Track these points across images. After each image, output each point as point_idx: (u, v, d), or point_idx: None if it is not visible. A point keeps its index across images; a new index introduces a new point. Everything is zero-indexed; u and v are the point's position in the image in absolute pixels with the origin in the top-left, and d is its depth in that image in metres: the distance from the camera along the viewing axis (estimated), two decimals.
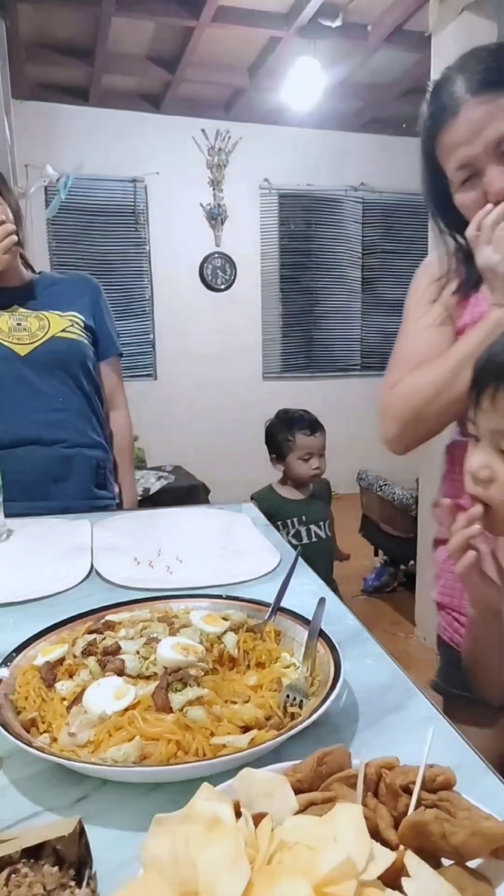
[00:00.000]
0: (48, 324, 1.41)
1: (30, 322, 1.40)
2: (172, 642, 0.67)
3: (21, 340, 1.38)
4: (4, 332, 1.37)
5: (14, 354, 1.37)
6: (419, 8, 2.95)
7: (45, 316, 1.42)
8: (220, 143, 4.51)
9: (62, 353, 1.41)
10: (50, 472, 1.39)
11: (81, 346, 1.45)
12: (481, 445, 0.69)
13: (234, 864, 0.35)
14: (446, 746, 0.57)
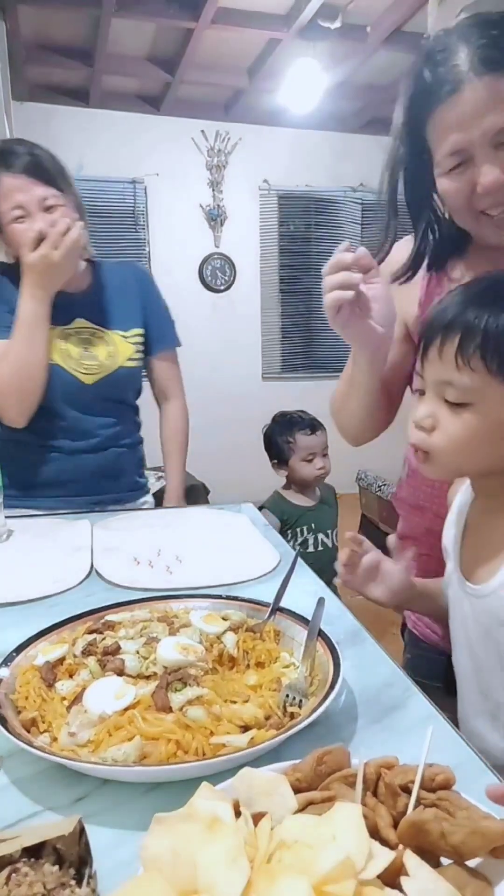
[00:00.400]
0: (116, 352, 1.41)
1: (98, 349, 1.39)
2: (172, 642, 0.67)
3: (89, 370, 1.37)
4: (74, 359, 1.36)
5: (80, 383, 1.37)
6: (418, 9, 2.95)
7: (113, 340, 1.41)
8: (220, 144, 4.51)
9: (123, 383, 1.43)
10: (102, 473, 1.44)
11: (139, 373, 1.48)
12: (427, 397, 0.74)
13: (234, 863, 0.35)
14: (446, 746, 0.57)
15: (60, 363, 1.35)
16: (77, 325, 1.38)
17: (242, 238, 4.67)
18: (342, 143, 4.72)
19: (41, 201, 1.27)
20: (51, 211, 1.28)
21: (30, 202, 1.27)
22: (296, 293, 4.92)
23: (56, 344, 1.35)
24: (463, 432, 0.71)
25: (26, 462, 1.41)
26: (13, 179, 1.26)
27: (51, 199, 1.28)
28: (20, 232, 1.26)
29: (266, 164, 4.62)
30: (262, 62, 3.67)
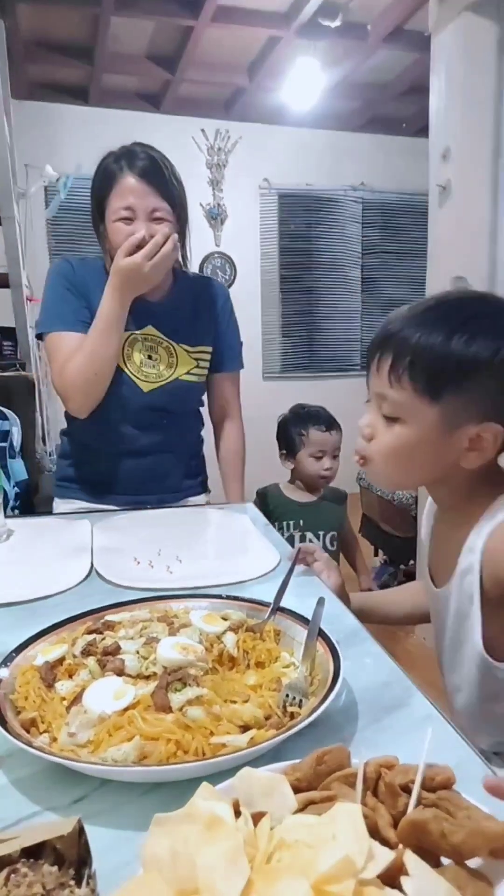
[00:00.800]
0: (176, 362, 1.43)
1: (160, 357, 1.42)
2: (172, 642, 0.67)
3: (148, 378, 1.41)
4: (136, 365, 1.40)
5: (139, 390, 1.40)
6: (419, 8, 2.95)
7: (176, 351, 1.43)
8: (220, 142, 4.51)
9: (180, 394, 1.45)
10: (147, 474, 1.46)
11: (198, 389, 1.51)
12: (369, 406, 0.79)
13: (234, 864, 0.35)
14: (446, 745, 0.57)
15: (124, 369, 1.39)
16: (147, 332, 1.41)
17: (243, 237, 4.67)
18: (343, 142, 4.72)
19: (151, 211, 1.31)
20: (157, 222, 1.32)
21: (140, 207, 1.31)
22: (296, 292, 4.91)
23: (123, 345, 1.38)
24: (393, 444, 0.76)
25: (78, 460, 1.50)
26: (133, 181, 1.31)
27: (160, 213, 1.32)
28: (121, 232, 1.30)
29: (266, 162, 4.62)
30: (263, 60, 3.66)
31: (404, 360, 0.72)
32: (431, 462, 0.77)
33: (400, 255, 4.97)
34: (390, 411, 0.75)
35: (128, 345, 1.39)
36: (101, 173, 1.35)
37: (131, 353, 1.40)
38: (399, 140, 4.68)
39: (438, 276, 2.58)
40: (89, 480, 1.48)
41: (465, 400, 0.73)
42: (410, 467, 0.79)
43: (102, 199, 1.34)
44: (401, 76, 3.87)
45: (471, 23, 2.34)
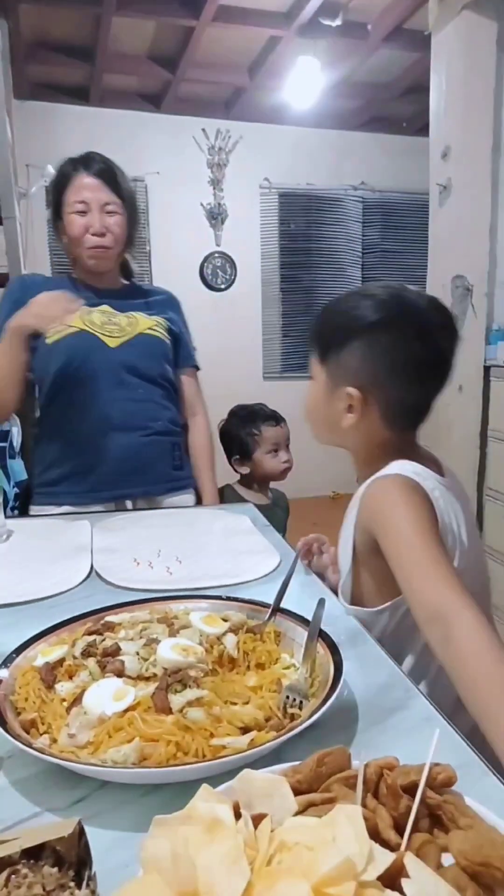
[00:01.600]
0: (136, 321, 1.51)
1: (119, 319, 1.49)
2: (172, 643, 0.67)
3: (112, 333, 1.46)
4: (97, 325, 1.46)
5: (104, 345, 1.44)
6: (419, 7, 2.95)
7: (133, 315, 1.52)
8: (221, 142, 4.50)
9: (147, 348, 1.50)
10: (130, 460, 1.46)
11: (164, 345, 1.55)
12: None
13: (234, 865, 0.35)
14: (447, 746, 0.57)
15: (85, 328, 1.44)
16: (101, 308, 1.49)
17: (243, 237, 4.66)
18: (343, 141, 4.72)
19: (104, 204, 1.44)
20: (109, 215, 1.45)
21: (93, 200, 1.43)
22: (297, 292, 4.91)
23: (80, 318, 1.43)
24: (309, 398, 0.93)
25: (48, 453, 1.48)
26: (87, 178, 1.44)
27: (112, 206, 1.45)
28: (75, 223, 1.43)
29: (267, 162, 4.61)
30: (263, 60, 3.66)
31: (315, 330, 0.92)
32: (325, 416, 0.91)
33: (400, 254, 4.97)
34: (311, 372, 0.93)
35: (84, 315, 1.44)
36: (59, 175, 1.49)
37: (90, 318, 1.46)
38: (399, 139, 4.68)
39: (439, 274, 2.58)
40: (73, 475, 1.45)
41: (339, 363, 0.88)
42: (315, 421, 0.94)
43: (59, 197, 1.47)
44: (401, 75, 3.86)
45: (471, 22, 2.33)
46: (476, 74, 2.37)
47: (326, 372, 0.89)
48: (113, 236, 1.46)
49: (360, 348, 0.86)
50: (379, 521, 0.82)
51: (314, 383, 0.92)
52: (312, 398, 0.92)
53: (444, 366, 0.89)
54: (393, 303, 0.86)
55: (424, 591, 0.71)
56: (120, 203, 1.46)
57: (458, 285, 2.49)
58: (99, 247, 1.45)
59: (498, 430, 2.40)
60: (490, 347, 2.45)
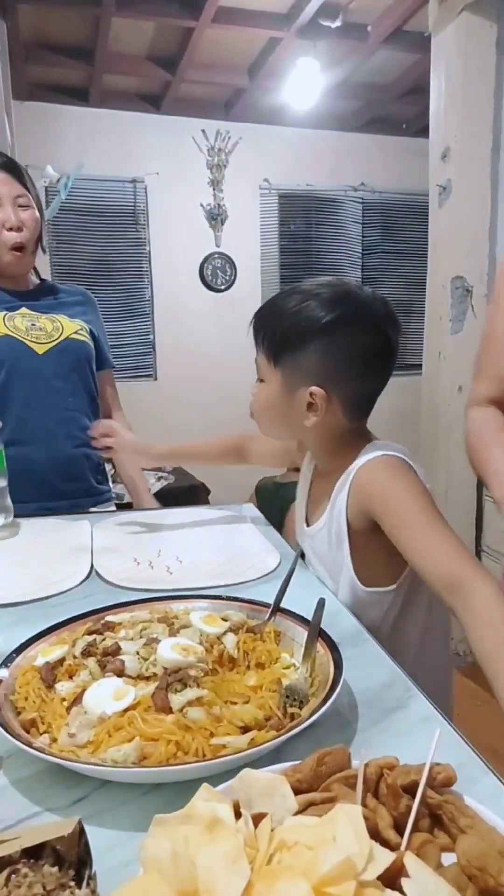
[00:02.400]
0: (61, 326, 1.47)
1: (43, 323, 1.45)
2: (172, 643, 0.67)
3: (38, 339, 1.42)
4: (22, 330, 1.41)
5: (32, 352, 1.41)
6: (419, 8, 2.95)
7: (57, 319, 1.48)
8: (220, 143, 4.50)
9: (74, 354, 1.46)
10: (60, 470, 1.43)
11: (90, 350, 1.52)
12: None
13: (234, 864, 0.35)
14: (447, 746, 0.57)
15: (10, 333, 1.40)
16: (22, 311, 1.45)
17: (243, 237, 4.66)
18: (343, 142, 4.72)
19: (16, 197, 1.39)
20: (23, 209, 1.40)
21: (5, 194, 1.39)
22: None
23: (3, 322, 1.40)
24: (259, 400, 0.95)
25: None
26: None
27: (24, 199, 1.41)
28: None
29: (267, 163, 4.61)
30: (263, 61, 3.66)
31: (260, 333, 0.91)
32: (283, 417, 0.93)
33: (400, 255, 4.97)
34: (259, 374, 0.94)
35: (7, 319, 1.41)
36: None
37: (14, 324, 1.41)
38: (399, 140, 4.68)
39: (438, 275, 2.58)
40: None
41: (296, 366, 0.88)
42: (271, 421, 0.97)
43: None
44: (401, 77, 3.87)
45: (470, 23, 2.34)
46: (476, 76, 2.37)
47: (282, 374, 0.90)
48: (29, 232, 1.40)
49: (318, 348, 0.87)
50: (379, 502, 0.85)
51: (266, 385, 0.93)
52: (265, 399, 0.94)
53: (394, 354, 0.92)
54: (343, 299, 0.88)
55: (442, 565, 0.75)
56: (30, 196, 1.42)
57: (457, 286, 2.49)
58: (18, 245, 1.39)
59: None
60: None
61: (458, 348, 2.48)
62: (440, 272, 2.56)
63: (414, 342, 4.71)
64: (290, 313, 0.88)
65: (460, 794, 0.45)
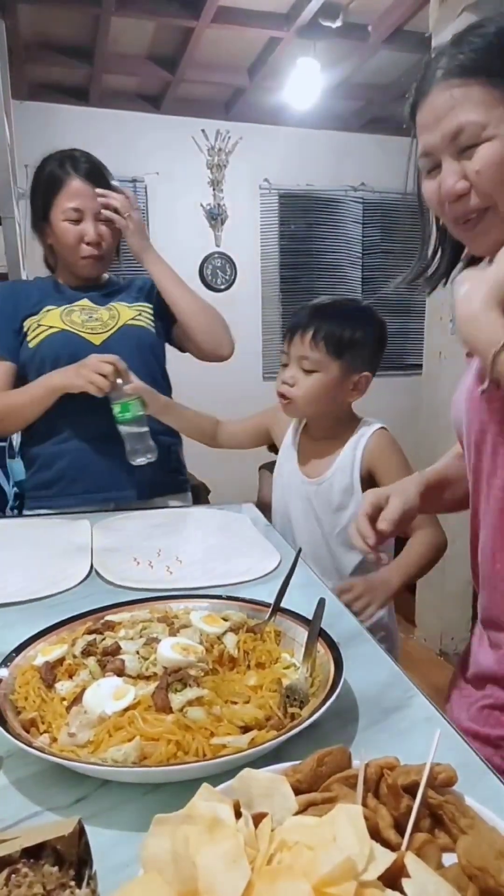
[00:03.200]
0: (118, 314, 1.47)
1: (100, 314, 1.45)
2: (172, 642, 0.67)
3: (94, 330, 1.43)
4: (78, 324, 1.43)
5: (90, 344, 1.41)
6: (419, 9, 2.95)
7: (115, 307, 1.48)
8: (220, 143, 4.50)
9: (133, 341, 1.45)
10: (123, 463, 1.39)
11: (150, 335, 1.50)
12: (290, 366, 1.22)
13: (234, 864, 0.35)
14: (447, 746, 0.56)
15: (66, 327, 1.41)
16: (80, 303, 1.46)
17: (243, 237, 4.66)
18: (343, 142, 4.72)
19: (98, 213, 1.40)
20: (102, 223, 1.41)
21: (87, 208, 1.40)
22: (297, 292, 4.90)
23: (60, 318, 1.42)
24: (312, 388, 1.20)
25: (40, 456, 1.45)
26: (79, 183, 1.41)
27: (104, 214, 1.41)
28: (70, 231, 1.40)
29: (267, 163, 4.61)
30: (263, 61, 3.66)
31: (320, 334, 1.18)
32: (332, 399, 1.22)
33: (400, 255, 4.97)
34: (309, 366, 1.19)
35: (64, 314, 1.43)
36: (47, 176, 1.43)
37: (70, 318, 1.43)
38: (399, 140, 4.64)
39: None
40: (65, 477, 1.42)
41: (353, 358, 1.20)
42: (320, 403, 1.22)
43: (49, 200, 1.41)
44: (401, 77, 3.86)
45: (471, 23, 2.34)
46: None
47: (340, 364, 1.19)
48: (107, 245, 1.44)
49: (372, 344, 1.22)
50: (385, 464, 1.20)
51: (322, 375, 1.19)
52: (320, 386, 1.20)
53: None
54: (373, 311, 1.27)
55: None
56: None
57: None
58: (92, 256, 1.42)
59: None
60: None
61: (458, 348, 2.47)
62: None
63: (414, 342, 4.70)
64: (351, 319, 1.20)
65: (461, 795, 0.45)
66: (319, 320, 1.19)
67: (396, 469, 1.18)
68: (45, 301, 1.44)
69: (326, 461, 1.25)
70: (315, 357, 1.18)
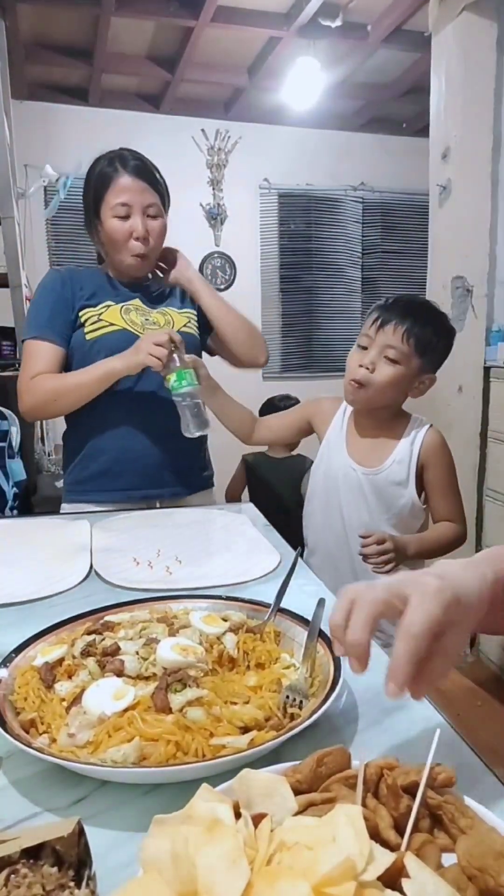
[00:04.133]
0: (172, 320, 1.50)
1: (155, 318, 1.49)
2: (172, 643, 0.67)
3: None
4: (138, 325, 1.46)
5: None
6: (419, 8, 2.95)
7: (168, 312, 1.51)
8: (220, 142, 4.50)
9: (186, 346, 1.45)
10: (163, 462, 1.46)
11: (197, 341, 1.54)
12: (371, 352, 1.25)
13: (234, 865, 0.35)
14: (447, 747, 0.56)
15: (127, 327, 1.44)
16: (135, 303, 1.49)
17: (243, 237, 4.66)
18: (343, 142, 4.72)
19: (146, 207, 1.42)
20: (151, 218, 1.43)
21: (136, 203, 1.41)
22: (296, 292, 4.91)
23: (120, 315, 1.45)
24: (393, 376, 1.25)
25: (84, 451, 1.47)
26: (128, 179, 1.42)
27: (153, 208, 1.43)
28: (118, 228, 1.41)
29: (266, 162, 4.61)
30: (263, 61, 3.66)
31: (413, 331, 1.23)
32: (401, 392, 1.29)
33: (400, 254, 4.97)
34: (394, 356, 1.24)
35: (123, 312, 1.45)
36: (97, 175, 1.44)
37: (130, 317, 1.46)
38: (399, 140, 4.68)
39: (438, 275, 2.58)
40: (106, 473, 1.45)
41: (429, 359, 1.27)
42: (393, 393, 1.28)
43: (99, 197, 1.42)
44: (401, 76, 3.87)
45: (471, 23, 2.34)
46: (476, 75, 2.37)
47: (421, 361, 1.26)
48: (154, 241, 1.44)
49: (444, 350, 1.30)
50: (439, 459, 1.31)
51: (403, 368, 1.25)
52: (400, 376, 1.25)
53: None
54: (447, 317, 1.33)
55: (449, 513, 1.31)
56: (160, 206, 1.45)
57: (458, 286, 2.49)
58: (140, 255, 1.43)
59: (498, 431, 2.40)
60: (490, 348, 2.45)
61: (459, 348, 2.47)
62: (440, 272, 2.56)
63: None
64: (438, 321, 1.28)
65: (460, 795, 0.45)
66: (414, 317, 1.24)
67: (447, 469, 1.30)
68: (101, 295, 1.46)
69: (381, 453, 1.31)
70: (403, 350, 1.23)
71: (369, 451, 1.33)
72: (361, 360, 1.25)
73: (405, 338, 1.22)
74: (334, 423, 1.41)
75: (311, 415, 1.47)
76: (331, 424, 1.41)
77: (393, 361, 1.24)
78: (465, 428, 2.47)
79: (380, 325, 1.24)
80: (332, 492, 1.36)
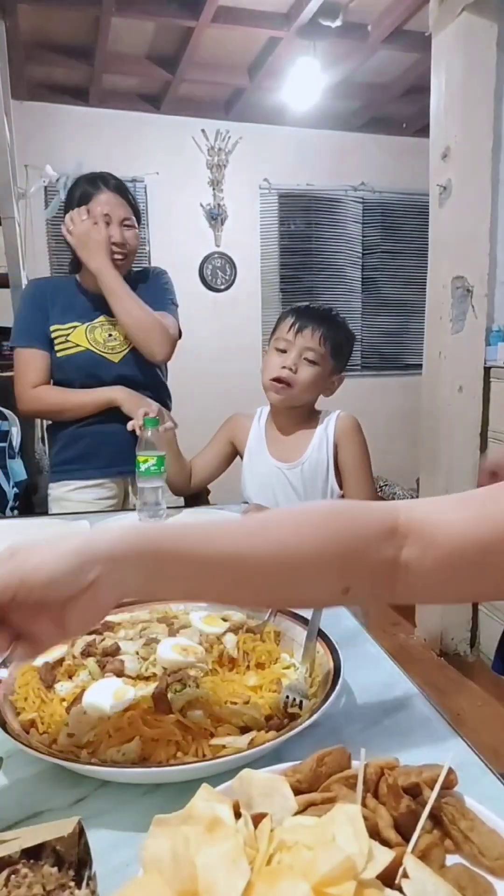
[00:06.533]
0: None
1: (117, 332, 1.66)
2: (172, 643, 0.67)
3: (114, 350, 1.66)
4: (100, 343, 1.65)
5: (109, 362, 1.65)
6: (419, 8, 2.95)
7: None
8: (220, 143, 4.50)
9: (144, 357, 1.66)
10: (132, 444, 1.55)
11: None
12: (291, 354, 1.38)
13: (234, 865, 0.35)
14: (447, 746, 0.56)
15: (91, 347, 1.63)
16: (100, 320, 1.66)
17: (243, 237, 4.66)
18: (343, 142, 4.72)
19: (123, 220, 1.63)
20: (127, 229, 1.63)
21: (115, 215, 1.62)
22: (297, 292, 4.90)
23: (85, 336, 1.64)
24: (312, 377, 1.39)
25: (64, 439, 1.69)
26: (109, 194, 1.63)
27: (129, 221, 1.64)
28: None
29: (267, 162, 4.61)
30: (263, 61, 3.66)
31: (328, 335, 1.39)
32: (319, 390, 1.43)
33: (400, 255, 4.97)
34: (313, 358, 1.38)
35: (88, 332, 1.64)
36: (79, 192, 1.65)
37: (94, 336, 1.65)
38: (399, 140, 4.67)
39: (439, 275, 2.58)
40: (85, 454, 1.66)
41: (339, 359, 1.43)
42: (313, 391, 1.42)
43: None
44: (401, 76, 3.86)
45: (471, 23, 2.34)
46: (476, 75, 2.37)
47: (334, 363, 1.41)
48: (128, 248, 1.64)
49: (349, 351, 1.48)
50: (349, 438, 1.42)
51: (321, 368, 1.39)
52: (318, 377, 1.39)
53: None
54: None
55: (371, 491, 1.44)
56: (134, 220, 1.65)
57: (458, 286, 2.49)
58: (119, 259, 1.61)
59: (498, 431, 2.40)
60: (490, 349, 2.45)
61: (459, 348, 2.48)
62: (440, 272, 2.56)
63: (414, 342, 4.70)
64: (344, 328, 1.46)
65: (461, 796, 0.45)
66: (328, 323, 1.40)
67: (359, 448, 1.42)
68: (69, 314, 1.65)
69: (299, 446, 1.43)
70: (320, 352, 1.38)
71: (290, 447, 1.44)
72: (284, 362, 1.37)
73: (322, 341, 1.37)
74: (252, 431, 1.52)
75: (231, 434, 1.58)
76: (249, 434, 1.53)
77: (312, 363, 1.37)
78: (465, 428, 2.47)
79: (297, 329, 1.38)
80: (268, 494, 1.45)
